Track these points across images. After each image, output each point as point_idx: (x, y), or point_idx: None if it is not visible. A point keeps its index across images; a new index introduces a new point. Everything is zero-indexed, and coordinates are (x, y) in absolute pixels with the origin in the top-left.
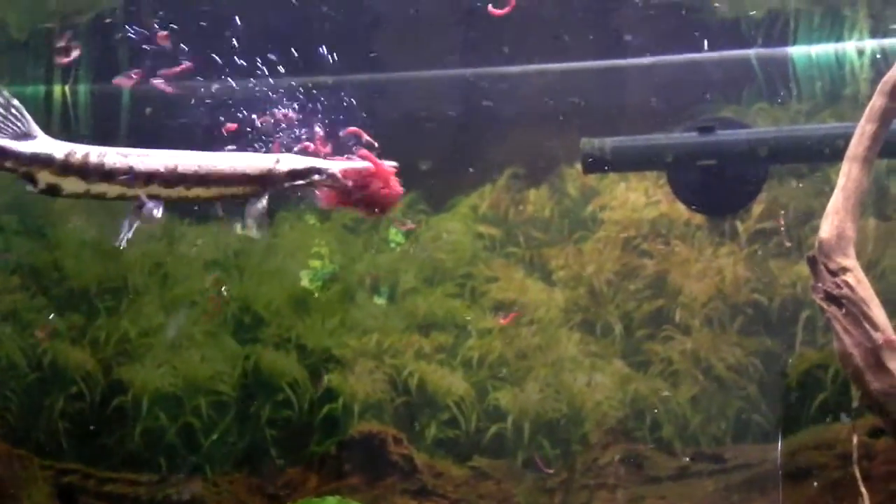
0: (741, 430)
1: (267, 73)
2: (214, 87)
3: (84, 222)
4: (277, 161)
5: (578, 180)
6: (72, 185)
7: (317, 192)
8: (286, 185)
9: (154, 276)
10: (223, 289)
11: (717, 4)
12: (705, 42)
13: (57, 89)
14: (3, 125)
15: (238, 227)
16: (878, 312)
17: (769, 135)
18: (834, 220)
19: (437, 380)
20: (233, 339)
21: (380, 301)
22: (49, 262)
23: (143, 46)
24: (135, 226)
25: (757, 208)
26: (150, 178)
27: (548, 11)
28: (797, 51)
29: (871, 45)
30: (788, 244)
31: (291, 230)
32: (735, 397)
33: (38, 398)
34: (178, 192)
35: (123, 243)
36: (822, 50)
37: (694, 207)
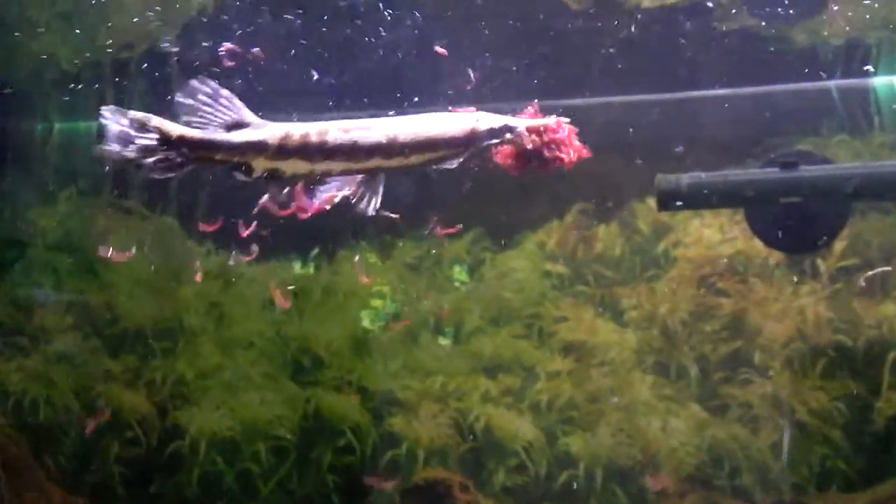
0: (825, 478)
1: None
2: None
3: (138, 261)
4: (477, 120)
5: (650, 216)
6: (293, 167)
7: (496, 156)
8: (485, 143)
9: (210, 317)
10: None
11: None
12: (783, 73)
13: None
14: (211, 117)
15: (297, 266)
16: None
17: (855, 171)
18: None
19: (505, 424)
20: (292, 382)
21: (444, 342)
22: (102, 301)
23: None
24: (343, 192)
25: (839, 245)
26: (371, 151)
27: (619, 41)
28: (879, 81)
29: None
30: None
31: (352, 269)
32: (818, 443)
33: (93, 443)
34: (398, 161)
35: (326, 204)
36: None
37: (773, 245)
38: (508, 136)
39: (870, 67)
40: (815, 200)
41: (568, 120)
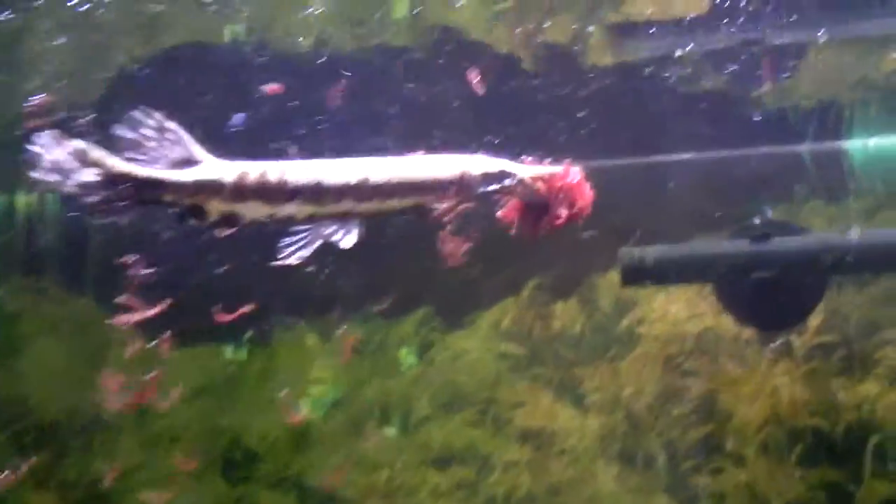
0: None
1: None
2: None
3: (53, 347)
4: (469, 163)
5: (611, 291)
6: (252, 210)
7: (500, 206)
8: (479, 190)
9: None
10: None
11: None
12: (752, 135)
13: (21, 199)
14: (156, 153)
15: (228, 350)
16: None
17: (832, 242)
18: None
19: None
20: (222, 479)
21: (390, 431)
22: (11, 394)
23: None
24: (316, 244)
25: (815, 320)
26: (341, 193)
27: (576, 102)
28: (853, 144)
29: None
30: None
31: (289, 353)
32: None
33: None
34: (374, 206)
35: (295, 259)
36: (881, 143)
37: (744, 321)
38: (508, 182)
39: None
40: (790, 275)
41: (578, 167)
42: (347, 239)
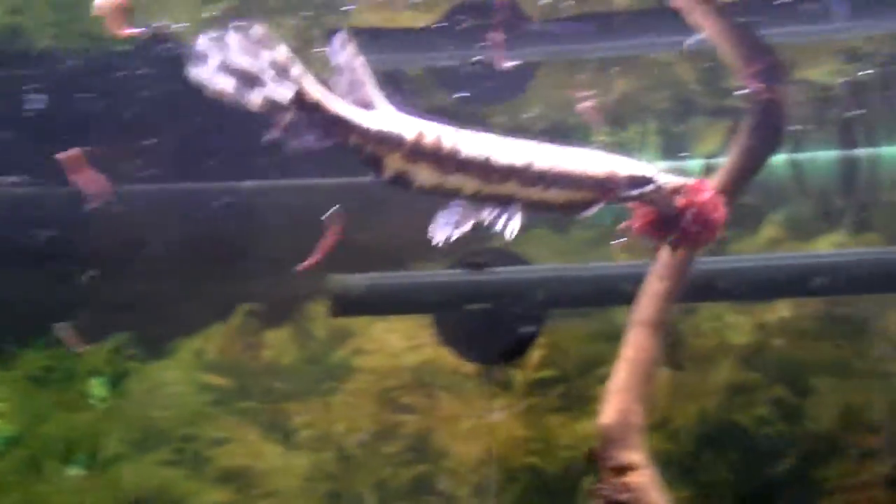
0: None
1: None
2: None
3: None
4: (616, 162)
5: (327, 320)
6: (423, 175)
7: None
8: (622, 195)
9: None
10: None
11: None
12: None
13: None
14: (342, 90)
15: None
16: None
17: (549, 273)
18: (616, 401)
19: None
20: None
21: (74, 472)
22: None
23: None
24: (468, 224)
25: (536, 354)
26: (507, 174)
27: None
28: None
29: None
30: None
31: None
32: None
33: None
34: (534, 193)
35: (442, 237)
36: None
37: (464, 355)
38: (648, 189)
39: None
40: (506, 306)
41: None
42: (511, 226)
